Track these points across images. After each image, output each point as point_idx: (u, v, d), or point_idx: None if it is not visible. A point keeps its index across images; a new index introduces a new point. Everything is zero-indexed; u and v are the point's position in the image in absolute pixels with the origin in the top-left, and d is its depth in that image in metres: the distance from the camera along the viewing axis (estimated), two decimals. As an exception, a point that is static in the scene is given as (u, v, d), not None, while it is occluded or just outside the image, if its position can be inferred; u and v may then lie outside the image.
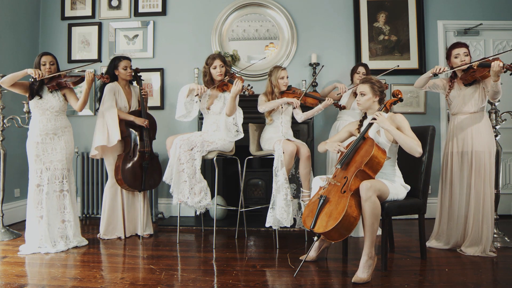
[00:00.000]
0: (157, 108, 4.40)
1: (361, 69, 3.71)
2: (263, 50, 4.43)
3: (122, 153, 3.46)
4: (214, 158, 3.24)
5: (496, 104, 3.19)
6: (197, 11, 4.45)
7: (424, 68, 4.24)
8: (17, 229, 3.72)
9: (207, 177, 3.90)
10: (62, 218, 3.15)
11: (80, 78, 3.17)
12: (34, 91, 3.09)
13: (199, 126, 4.08)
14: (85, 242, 3.25)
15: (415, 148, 2.45)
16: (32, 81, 3.09)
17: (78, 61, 4.45)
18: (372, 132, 2.67)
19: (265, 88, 3.52)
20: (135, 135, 3.45)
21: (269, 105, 3.38)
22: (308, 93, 3.54)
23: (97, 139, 3.33)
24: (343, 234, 2.38)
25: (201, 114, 3.65)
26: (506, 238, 3.13)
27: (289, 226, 3.12)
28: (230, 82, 3.31)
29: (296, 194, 3.51)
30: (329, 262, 2.80)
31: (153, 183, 3.56)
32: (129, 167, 3.39)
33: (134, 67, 3.52)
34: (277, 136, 3.35)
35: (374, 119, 2.56)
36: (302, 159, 3.21)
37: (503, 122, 3.24)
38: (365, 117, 2.79)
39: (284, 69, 3.47)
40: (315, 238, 2.51)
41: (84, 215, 4.26)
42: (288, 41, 4.36)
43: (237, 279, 2.45)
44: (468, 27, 4.27)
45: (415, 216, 2.80)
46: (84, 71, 3.16)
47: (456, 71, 3.05)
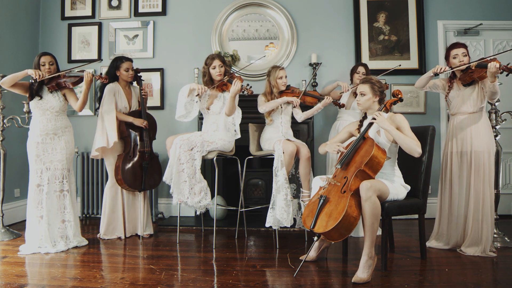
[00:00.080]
0: (157, 108, 4.40)
1: (361, 69, 3.71)
2: (263, 50, 4.43)
3: (122, 153, 3.47)
4: (214, 158, 3.24)
5: (496, 104, 3.19)
6: (197, 11, 4.45)
7: (424, 68, 4.24)
8: (17, 229, 3.72)
9: (207, 177, 3.90)
10: (62, 218, 3.15)
11: (80, 78, 3.17)
12: (33, 92, 3.09)
13: (199, 126, 4.08)
14: (85, 242, 3.25)
15: (415, 148, 2.45)
16: (32, 82, 3.09)
17: (78, 61, 4.44)
18: (372, 132, 2.67)
19: (264, 88, 3.52)
20: (135, 135, 3.45)
21: (269, 105, 3.38)
22: (307, 92, 3.54)
23: (97, 141, 3.34)
24: (343, 234, 2.38)
25: (201, 114, 3.65)
26: (506, 238, 3.13)
27: (289, 226, 3.12)
28: (229, 82, 3.31)
29: (296, 194, 3.51)
30: (329, 262, 2.80)
31: (153, 183, 3.56)
32: (129, 167, 3.39)
33: (134, 68, 3.52)
34: (277, 136, 3.35)
35: (374, 119, 2.56)
36: (302, 160, 3.21)
37: (503, 122, 3.24)
38: (365, 117, 2.79)
39: (282, 68, 3.47)
40: (315, 238, 2.51)
41: (84, 215, 4.26)
42: (288, 41, 4.36)
43: (237, 279, 2.45)
44: (468, 27, 4.27)
45: (415, 216, 2.80)
46: (84, 71, 3.15)
47: (455, 71, 3.05)
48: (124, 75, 3.44)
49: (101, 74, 3.32)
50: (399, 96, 2.70)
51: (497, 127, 3.20)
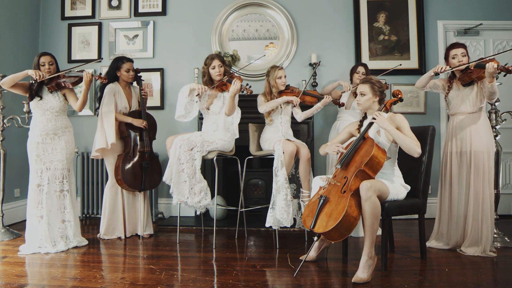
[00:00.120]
0: (157, 108, 4.40)
1: (360, 69, 3.71)
2: (263, 50, 4.43)
3: (122, 153, 3.47)
4: (214, 158, 3.24)
5: (496, 104, 3.19)
6: (197, 11, 4.45)
7: (424, 68, 4.24)
8: (17, 229, 3.72)
9: (207, 177, 3.90)
10: (62, 218, 3.15)
11: (79, 78, 3.17)
12: (33, 92, 3.09)
13: (199, 126, 4.08)
14: (85, 242, 3.25)
15: (414, 148, 2.45)
16: (32, 82, 3.09)
17: (78, 61, 4.44)
18: (372, 132, 2.67)
19: (264, 88, 3.52)
20: (135, 135, 3.45)
21: (269, 105, 3.38)
22: (306, 92, 3.54)
23: (97, 142, 3.35)
24: (343, 234, 2.38)
25: (201, 114, 3.65)
26: (506, 238, 3.13)
27: (289, 226, 3.12)
28: (229, 82, 3.31)
29: (296, 194, 3.51)
30: (329, 262, 2.80)
31: (153, 183, 3.56)
32: (129, 167, 3.39)
33: (134, 68, 3.52)
34: (277, 136, 3.35)
35: (374, 118, 2.56)
36: (302, 161, 3.21)
37: (503, 122, 3.24)
38: (365, 117, 2.79)
39: (281, 68, 3.47)
40: (315, 238, 2.51)
41: (84, 215, 4.26)
42: (288, 41, 4.36)
43: (237, 279, 2.45)
44: (468, 27, 4.27)
45: (415, 216, 2.80)
46: (83, 71, 3.15)
47: (455, 71, 3.06)
48: (125, 75, 3.44)
49: (100, 74, 3.31)
50: (399, 96, 2.70)
51: (497, 127, 3.20)
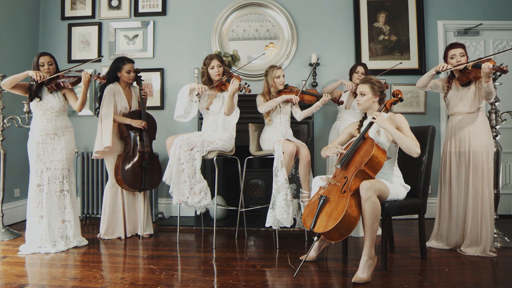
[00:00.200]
0: (157, 108, 4.40)
1: (360, 69, 3.72)
2: (263, 50, 4.42)
3: (122, 153, 3.47)
4: (214, 158, 3.24)
5: (496, 104, 3.19)
6: (197, 11, 4.45)
7: (424, 68, 4.24)
8: (17, 229, 3.72)
9: (207, 177, 3.90)
10: (62, 218, 3.15)
11: (78, 79, 3.17)
12: (33, 93, 3.09)
13: (199, 126, 4.08)
14: (85, 242, 3.25)
15: (413, 148, 2.45)
16: (32, 83, 3.09)
17: (78, 61, 4.44)
18: (372, 132, 2.67)
19: (262, 88, 3.52)
20: (134, 135, 3.45)
21: (268, 105, 3.38)
22: (305, 90, 3.54)
23: (96, 144, 3.37)
24: (343, 234, 2.38)
25: (201, 114, 3.65)
26: (506, 238, 3.13)
27: (289, 226, 3.12)
28: (227, 81, 3.31)
29: (296, 194, 3.51)
30: (329, 262, 2.80)
31: (153, 183, 3.56)
32: (129, 167, 3.39)
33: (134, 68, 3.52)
34: (276, 137, 3.34)
35: (374, 118, 2.56)
36: (302, 161, 3.21)
37: (503, 122, 3.24)
38: (365, 117, 2.79)
39: (279, 68, 3.47)
40: (315, 238, 2.51)
41: (84, 215, 4.26)
42: (288, 41, 4.36)
43: (237, 279, 2.45)
44: (468, 27, 4.27)
45: (415, 216, 2.80)
46: (82, 71, 3.15)
47: (454, 71, 3.06)
48: (125, 76, 3.44)
49: (98, 74, 3.31)
50: (399, 96, 2.70)
51: (497, 127, 3.20)
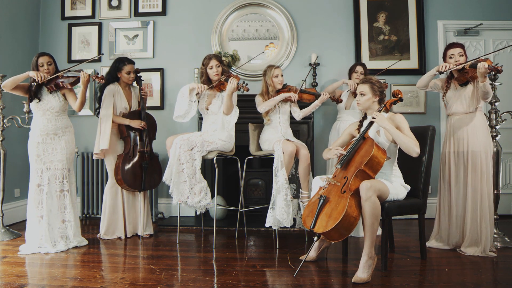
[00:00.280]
0: (157, 108, 4.40)
1: (359, 68, 3.72)
2: (263, 50, 4.42)
3: (122, 153, 3.47)
4: (214, 158, 3.24)
5: (496, 104, 3.18)
6: (197, 11, 4.45)
7: (424, 68, 4.24)
8: (17, 229, 3.72)
9: (207, 177, 3.90)
10: (63, 218, 3.15)
11: (77, 79, 3.17)
12: (32, 94, 3.09)
13: (199, 126, 4.08)
14: (85, 242, 3.25)
15: (413, 148, 2.45)
16: (32, 84, 3.08)
17: (78, 61, 4.43)
18: (372, 132, 2.67)
19: (261, 88, 3.52)
20: (134, 135, 3.45)
21: (268, 104, 3.37)
22: (303, 89, 3.54)
23: (96, 146, 3.37)
24: (343, 234, 2.38)
25: (201, 114, 3.65)
26: (506, 238, 3.13)
27: (289, 226, 3.12)
28: (226, 81, 3.32)
29: (296, 194, 3.51)
30: (329, 262, 2.80)
31: (153, 183, 3.56)
32: (129, 167, 3.39)
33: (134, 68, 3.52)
34: (276, 137, 3.34)
35: (373, 118, 2.56)
36: (302, 161, 3.20)
37: (503, 122, 3.24)
38: (365, 117, 2.79)
39: (278, 67, 3.47)
40: (315, 238, 2.51)
41: (84, 215, 4.26)
42: (288, 41, 4.35)
43: (237, 279, 2.45)
44: (468, 27, 4.26)
45: (415, 216, 2.80)
46: (81, 70, 3.15)
47: (453, 71, 3.06)
48: (125, 77, 3.44)
49: (97, 74, 3.30)
50: (399, 96, 2.70)
51: (497, 127, 3.19)
